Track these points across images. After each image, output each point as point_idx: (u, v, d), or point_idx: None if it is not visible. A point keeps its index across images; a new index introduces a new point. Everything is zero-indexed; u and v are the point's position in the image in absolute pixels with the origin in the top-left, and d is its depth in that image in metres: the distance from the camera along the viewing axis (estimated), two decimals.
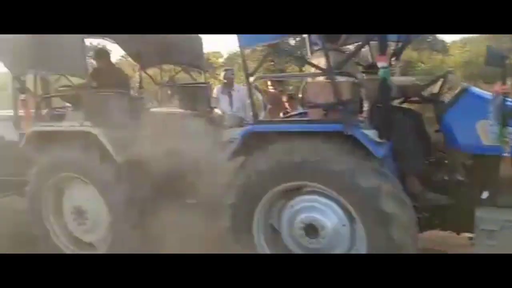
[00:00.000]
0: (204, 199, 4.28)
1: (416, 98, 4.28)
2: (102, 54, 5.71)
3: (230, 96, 7.08)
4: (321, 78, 3.87)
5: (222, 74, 7.37)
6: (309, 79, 4.09)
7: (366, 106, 3.83)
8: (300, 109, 4.74)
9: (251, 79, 3.95)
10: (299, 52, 8.69)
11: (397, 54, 4.78)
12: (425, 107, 4.56)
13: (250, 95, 3.96)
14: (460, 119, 3.82)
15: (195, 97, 5.81)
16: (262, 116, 4.45)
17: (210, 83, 6.01)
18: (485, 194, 3.80)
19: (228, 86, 7.16)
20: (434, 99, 4.11)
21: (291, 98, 6.55)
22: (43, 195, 4.97)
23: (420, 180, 3.88)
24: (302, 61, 4.84)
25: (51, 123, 5.02)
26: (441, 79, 4.18)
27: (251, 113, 4.04)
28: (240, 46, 3.90)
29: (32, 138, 4.95)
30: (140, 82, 6.26)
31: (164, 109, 6.01)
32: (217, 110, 6.71)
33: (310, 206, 3.75)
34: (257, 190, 3.79)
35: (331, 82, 3.57)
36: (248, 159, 3.84)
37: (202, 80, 6.07)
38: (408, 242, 3.43)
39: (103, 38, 6.27)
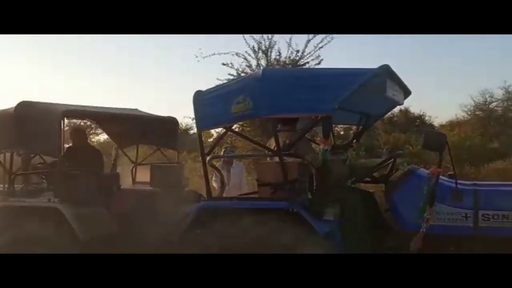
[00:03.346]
0: None
1: (367, 179, 4.48)
2: (77, 133, 5.97)
3: (229, 172, 7.24)
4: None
5: (222, 151, 7.50)
6: (261, 160, 4.30)
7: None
8: None
9: (207, 158, 4.17)
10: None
11: (357, 137, 5.08)
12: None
13: (205, 173, 4.14)
14: (404, 200, 4.00)
15: (168, 176, 6.01)
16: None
17: (183, 163, 6.23)
18: None
19: (228, 163, 7.29)
20: (384, 180, 4.31)
21: None
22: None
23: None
24: (254, 142, 5.11)
25: (22, 198, 5.17)
26: (391, 161, 4.41)
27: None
28: (197, 129, 4.16)
29: (3, 212, 5.07)
30: (115, 160, 6.47)
31: (137, 187, 6.22)
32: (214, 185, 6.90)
33: None
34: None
35: (278, 163, 3.77)
36: (198, 234, 3.94)
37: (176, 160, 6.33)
38: None
39: (83, 120, 6.60)
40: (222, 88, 4.09)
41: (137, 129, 6.28)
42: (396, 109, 34.39)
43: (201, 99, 4.13)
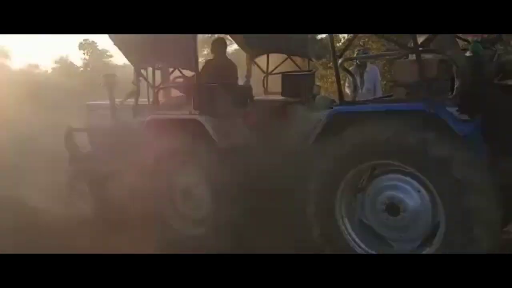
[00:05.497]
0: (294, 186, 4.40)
1: None
2: (216, 44, 6.07)
3: (362, 76, 7.04)
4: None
5: (355, 54, 7.25)
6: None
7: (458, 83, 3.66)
8: None
9: (339, 61, 4.00)
10: None
11: None
12: None
13: (337, 77, 4.00)
14: None
15: (298, 85, 5.96)
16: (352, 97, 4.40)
17: (314, 70, 6.08)
18: None
19: (361, 67, 7.12)
20: None
21: None
22: (159, 179, 5.50)
23: None
24: (388, 38, 4.73)
25: (166, 111, 5.53)
26: None
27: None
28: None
29: (150, 125, 5.50)
30: (249, 71, 6.54)
31: (269, 97, 6.28)
32: (347, 91, 6.76)
33: (393, 185, 3.74)
34: (337, 172, 3.84)
35: (415, 60, 3.49)
36: (331, 140, 3.88)
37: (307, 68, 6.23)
38: (485, 209, 3.27)
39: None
40: None
41: (266, 37, 6.20)
42: None
43: None
